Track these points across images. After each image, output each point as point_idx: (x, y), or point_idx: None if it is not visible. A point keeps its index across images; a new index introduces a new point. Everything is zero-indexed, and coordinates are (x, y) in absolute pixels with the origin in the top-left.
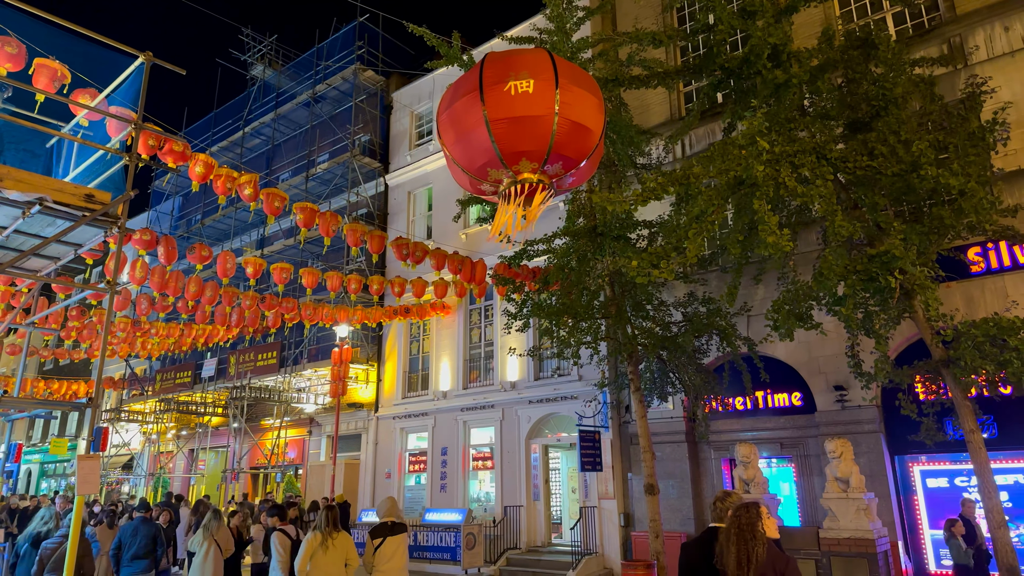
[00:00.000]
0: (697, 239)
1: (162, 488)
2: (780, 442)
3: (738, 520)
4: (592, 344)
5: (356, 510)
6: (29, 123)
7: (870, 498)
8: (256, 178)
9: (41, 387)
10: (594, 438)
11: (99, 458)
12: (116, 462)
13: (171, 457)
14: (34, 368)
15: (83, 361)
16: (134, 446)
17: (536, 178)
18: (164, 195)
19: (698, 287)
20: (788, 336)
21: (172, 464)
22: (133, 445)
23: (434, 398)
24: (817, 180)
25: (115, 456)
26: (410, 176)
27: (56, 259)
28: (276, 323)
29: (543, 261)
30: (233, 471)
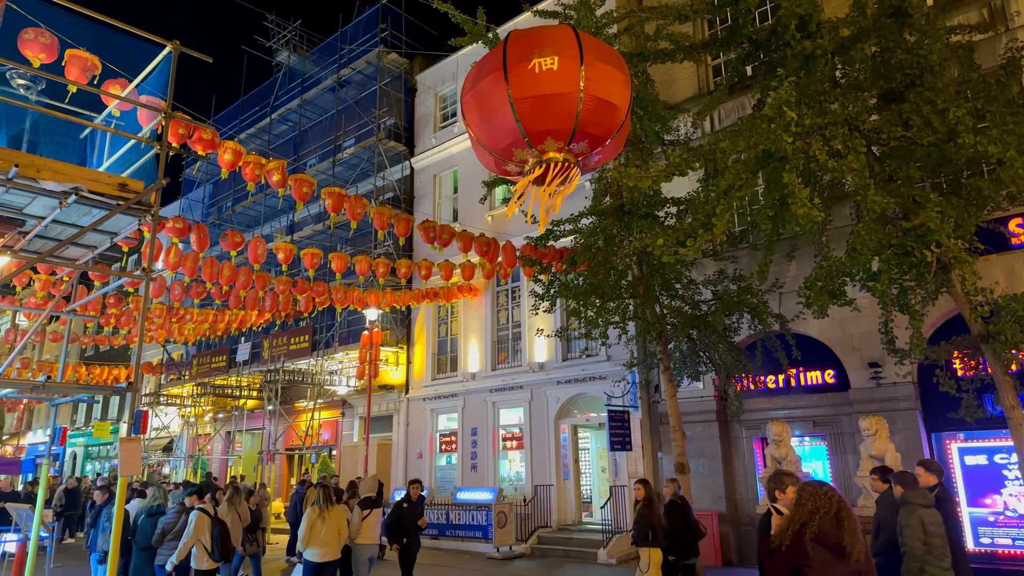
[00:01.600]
0: (725, 215)
1: (201, 469)
2: (813, 420)
3: (832, 497)
4: (620, 324)
5: (389, 489)
6: (63, 114)
7: None
8: (284, 164)
9: (83, 373)
10: (623, 418)
11: (140, 440)
12: (156, 444)
13: (209, 439)
14: (76, 354)
15: (122, 347)
16: (173, 429)
17: (562, 157)
18: (195, 183)
19: (728, 265)
20: (821, 313)
21: (210, 446)
22: (172, 428)
23: (463, 380)
24: (849, 154)
25: (155, 439)
26: (435, 159)
27: (93, 247)
28: (308, 307)
29: (570, 241)
30: (269, 452)
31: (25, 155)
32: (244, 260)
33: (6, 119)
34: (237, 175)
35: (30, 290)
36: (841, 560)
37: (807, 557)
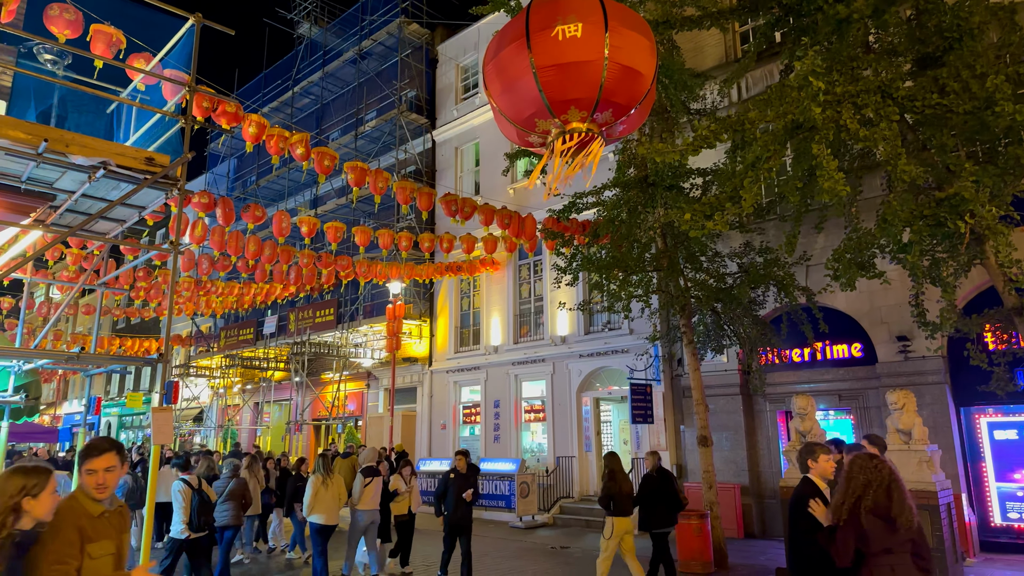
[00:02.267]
0: (753, 187)
1: (231, 439)
2: (839, 394)
3: (883, 469)
4: (643, 298)
5: (414, 459)
6: (90, 89)
7: (933, 450)
8: (307, 137)
9: (116, 344)
10: (645, 391)
11: (171, 410)
12: (187, 415)
13: (238, 410)
14: (108, 327)
15: (152, 319)
16: (203, 400)
17: (585, 127)
18: (219, 157)
19: (755, 237)
20: (849, 286)
21: (239, 417)
22: (202, 399)
23: (485, 353)
24: (882, 122)
25: (186, 409)
26: (457, 131)
27: (122, 221)
28: (331, 280)
29: (592, 214)
30: (296, 423)
31: (54, 130)
32: (269, 234)
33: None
34: (261, 149)
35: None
36: (893, 530)
37: (864, 529)
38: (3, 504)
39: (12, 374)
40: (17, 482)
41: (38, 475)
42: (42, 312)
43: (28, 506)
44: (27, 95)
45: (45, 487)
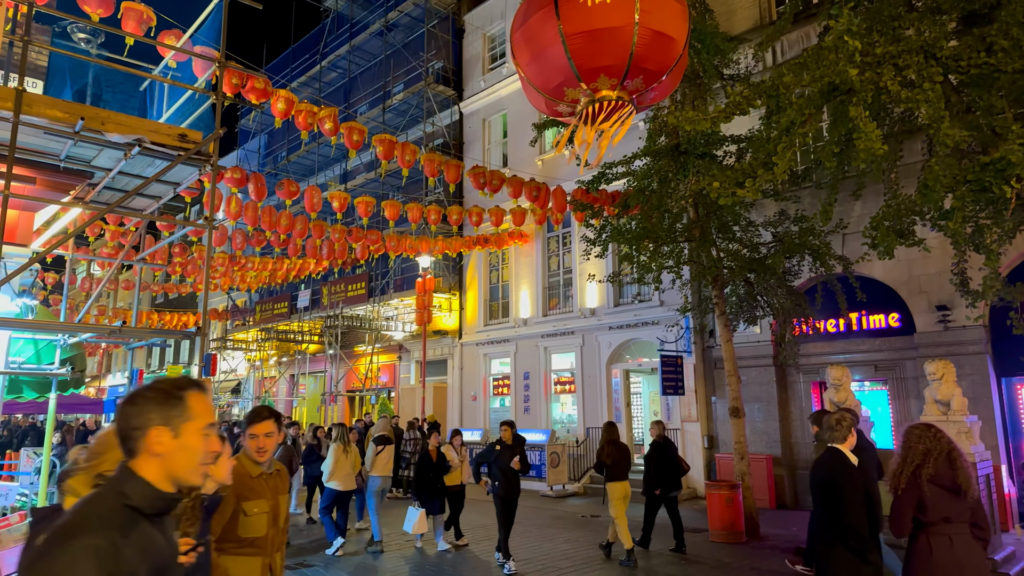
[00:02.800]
0: (787, 153)
1: None
2: (875, 364)
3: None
4: (674, 269)
5: (445, 430)
6: (123, 67)
7: (972, 421)
8: (335, 112)
9: (155, 319)
10: (676, 363)
11: (211, 382)
12: (225, 387)
13: (274, 382)
14: (147, 302)
15: (189, 294)
16: (240, 372)
17: (615, 95)
18: (250, 133)
19: (790, 205)
20: (887, 254)
21: (275, 388)
22: (239, 371)
23: (515, 325)
24: (924, 83)
25: (224, 381)
26: (484, 102)
27: (158, 198)
28: (363, 255)
29: (622, 184)
30: (331, 394)
31: (90, 108)
32: (300, 209)
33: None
34: (290, 125)
35: (102, 241)
36: (957, 498)
37: (924, 497)
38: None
39: (58, 347)
40: None
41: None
42: (84, 288)
43: (210, 471)
44: (63, 74)
45: (223, 452)
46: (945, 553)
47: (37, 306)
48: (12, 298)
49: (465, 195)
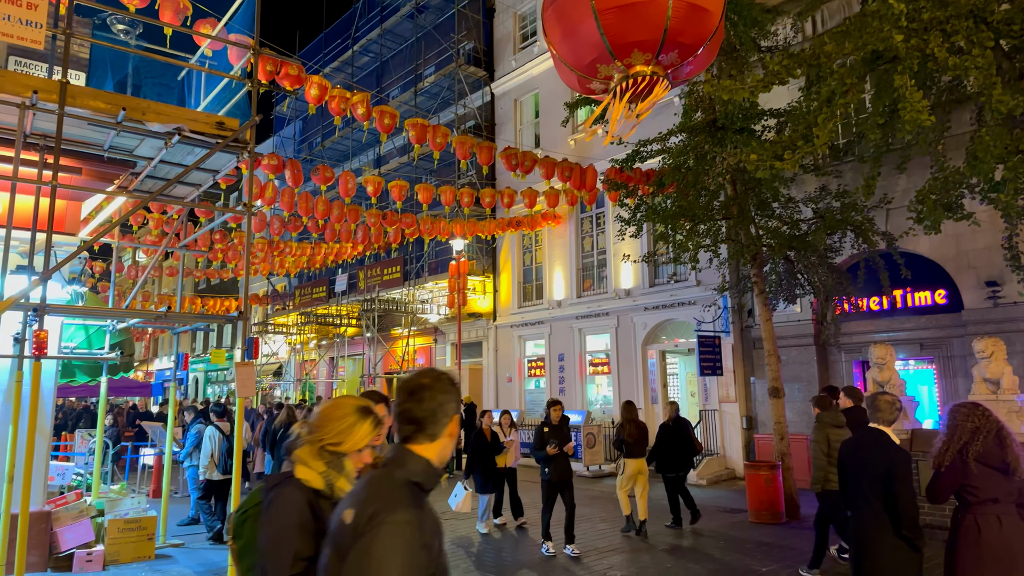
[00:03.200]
0: (827, 125)
1: (309, 392)
2: (920, 343)
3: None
4: (712, 247)
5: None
6: (161, 57)
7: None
8: (368, 97)
9: (198, 304)
10: (714, 343)
11: (253, 365)
12: (267, 369)
13: (314, 364)
14: (190, 288)
15: (231, 280)
16: (281, 355)
17: (650, 70)
18: (285, 120)
19: (831, 180)
20: (934, 229)
21: (315, 371)
22: (280, 354)
23: (549, 307)
24: (974, 49)
25: (266, 364)
26: (516, 82)
27: (197, 186)
28: (397, 239)
29: (657, 162)
30: (369, 376)
31: (131, 98)
32: (336, 194)
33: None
34: (324, 111)
35: (145, 229)
36: (1006, 478)
37: (970, 476)
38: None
39: (108, 333)
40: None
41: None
42: (130, 275)
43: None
44: (104, 66)
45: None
46: (994, 533)
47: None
48: (63, 285)
49: (498, 177)
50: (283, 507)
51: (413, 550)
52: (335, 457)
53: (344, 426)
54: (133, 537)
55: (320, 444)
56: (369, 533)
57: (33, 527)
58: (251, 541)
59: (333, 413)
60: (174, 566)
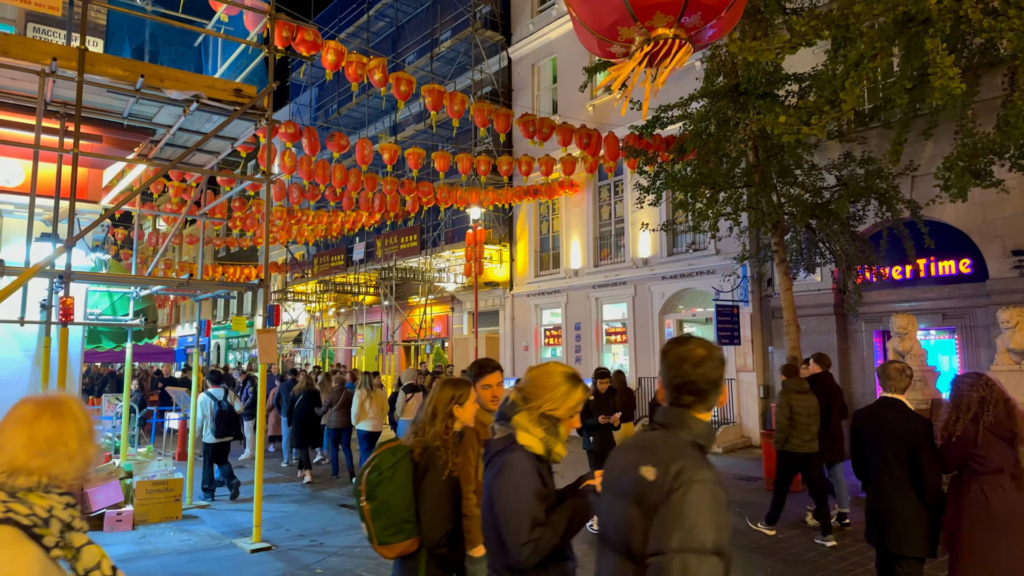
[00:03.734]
0: (855, 89)
1: (329, 359)
2: (942, 312)
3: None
4: (732, 216)
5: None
6: (178, 23)
7: None
8: (384, 62)
9: (219, 272)
10: (732, 312)
11: (275, 332)
12: (288, 337)
13: (334, 332)
14: (210, 255)
15: (250, 248)
16: (301, 323)
17: (672, 33)
18: (301, 87)
19: (855, 146)
20: (961, 196)
21: (335, 338)
22: (300, 322)
23: (565, 276)
24: (1010, 9)
25: (286, 332)
26: (533, 47)
27: (216, 153)
28: (414, 207)
29: (678, 129)
30: (388, 344)
31: (149, 65)
32: (353, 162)
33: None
34: (340, 78)
35: (165, 197)
36: (1010, 448)
37: (979, 446)
38: (443, 410)
39: (131, 300)
40: (448, 392)
41: (463, 387)
42: (151, 242)
43: (457, 412)
44: (121, 33)
45: (468, 396)
46: (1001, 501)
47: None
48: (87, 253)
49: (515, 144)
50: (520, 474)
51: (720, 507)
52: (552, 423)
53: (559, 393)
54: (161, 498)
55: (539, 411)
56: (679, 490)
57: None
58: (387, 501)
59: (547, 381)
60: (201, 526)
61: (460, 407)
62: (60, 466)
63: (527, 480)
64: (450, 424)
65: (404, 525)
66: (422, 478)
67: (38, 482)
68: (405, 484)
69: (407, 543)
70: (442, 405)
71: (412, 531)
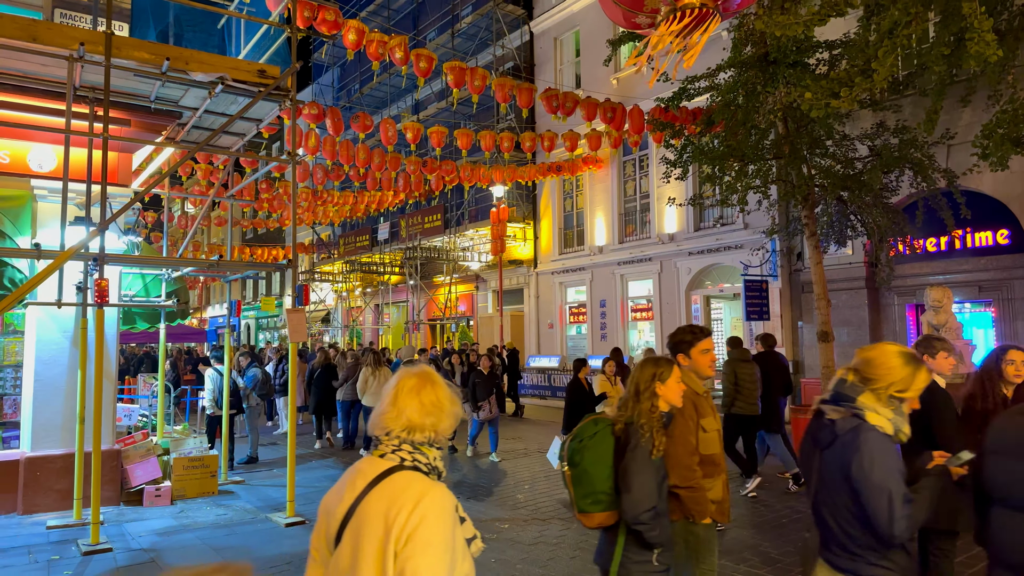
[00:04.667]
0: (888, 59)
1: (356, 338)
2: (978, 285)
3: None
4: (761, 188)
5: (524, 356)
6: (201, 4)
7: None
8: (405, 40)
9: (247, 253)
10: (761, 287)
11: (304, 311)
12: (316, 316)
13: (360, 311)
14: (238, 237)
15: (277, 230)
16: (328, 303)
17: (699, 2)
18: (323, 68)
19: (889, 115)
20: (1001, 165)
21: (362, 318)
22: (328, 302)
23: (590, 253)
24: None
25: (314, 312)
26: (555, 20)
27: (242, 135)
28: (438, 186)
29: (705, 101)
30: (414, 323)
31: (174, 48)
32: (376, 142)
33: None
34: (362, 57)
35: (193, 180)
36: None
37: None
38: (646, 388)
39: (163, 281)
40: (649, 370)
41: (664, 364)
42: (181, 225)
43: (660, 390)
44: (146, 16)
45: (671, 374)
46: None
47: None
48: (119, 236)
49: (537, 120)
50: (882, 453)
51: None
52: (898, 403)
53: (906, 373)
54: (197, 474)
55: (887, 392)
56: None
57: (105, 464)
58: (587, 469)
59: (889, 362)
60: (236, 501)
61: (663, 384)
62: (443, 423)
63: (891, 458)
64: (655, 403)
65: (602, 496)
66: (622, 453)
67: (428, 437)
68: (605, 456)
69: (605, 515)
70: (644, 383)
71: (610, 504)
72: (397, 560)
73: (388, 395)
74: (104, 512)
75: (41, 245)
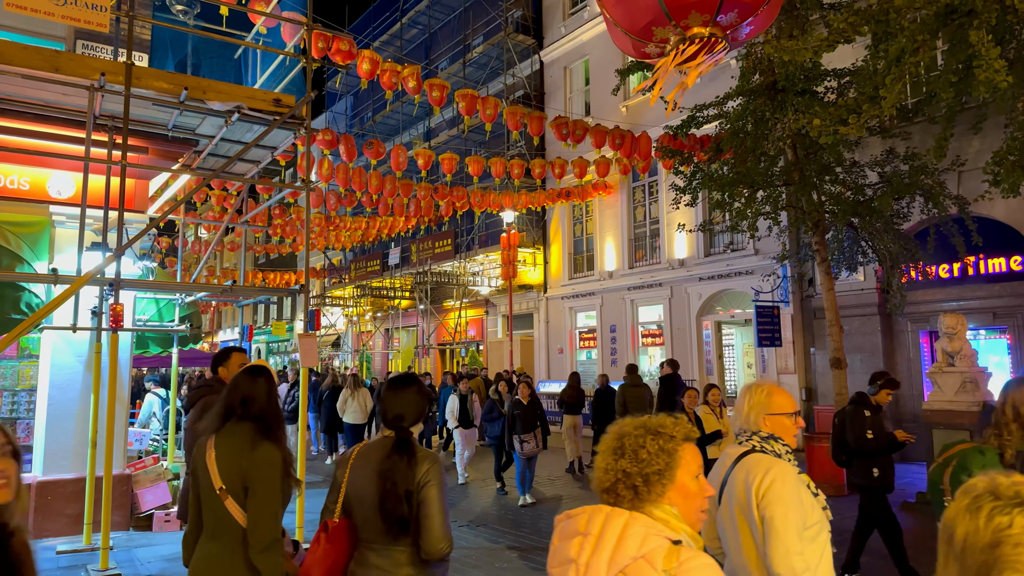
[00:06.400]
0: (895, 86)
1: (366, 363)
2: (992, 312)
3: None
4: (772, 215)
5: (534, 382)
6: (219, 35)
7: None
8: (418, 70)
9: (259, 278)
10: (772, 313)
11: (315, 336)
12: (326, 340)
13: (371, 336)
14: (250, 262)
15: (289, 255)
16: (339, 327)
17: (708, 32)
18: (337, 96)
19: (899, 142)
20: (1012, 191)
21: (372, 342)
22: (338, 326)
23: (600, 278)
24: None
25: (325, 336)
26: (565, 49)
27: (257, 162)
28: (448, 212)
29: (714, 128)
30: (423, 347)
31: (192, 78)
32: (388, 168)
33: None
34: (375, 85)
35: (207, 205)
36: None
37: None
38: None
39: (177, 306)
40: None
41: None
42: (195, 250)
43: None
44: (165, 47)
45: None
46: None
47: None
48: (135, 261)
49: (547, 147)
50: None
51: None
52: None
53: None
54: None
55: None
56: None
57: (116, 489)
58: None
59: None
60: None
61: None
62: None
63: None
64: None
65: None
66: None
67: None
68: None
69: None
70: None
71: None
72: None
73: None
74: (114, 537)
75: (58, 270)
